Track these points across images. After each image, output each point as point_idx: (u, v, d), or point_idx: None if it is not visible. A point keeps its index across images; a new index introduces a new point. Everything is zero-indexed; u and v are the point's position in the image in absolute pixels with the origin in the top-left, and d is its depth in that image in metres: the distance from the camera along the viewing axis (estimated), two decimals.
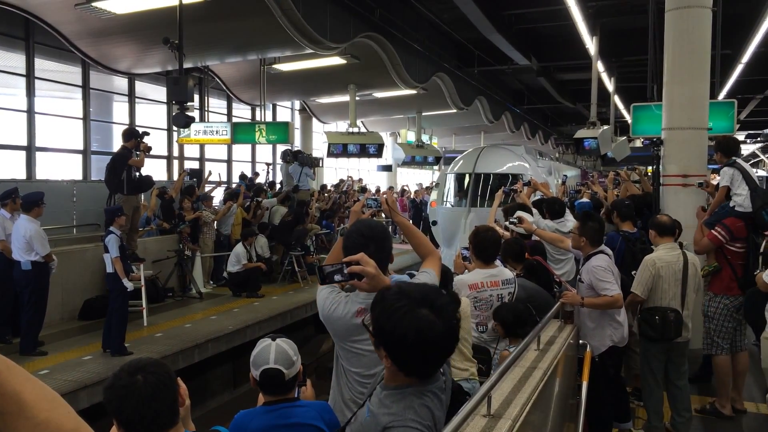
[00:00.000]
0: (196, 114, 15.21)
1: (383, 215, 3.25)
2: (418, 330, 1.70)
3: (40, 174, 12.45)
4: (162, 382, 1.81)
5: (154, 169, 12.83)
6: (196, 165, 17.05)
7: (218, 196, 13.21)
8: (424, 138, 21.57)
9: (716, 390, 5.79)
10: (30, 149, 12.35)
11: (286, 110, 21.60)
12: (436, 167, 22.62)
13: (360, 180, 23.41)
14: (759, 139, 24.46)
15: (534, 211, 6.52)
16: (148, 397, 1.76)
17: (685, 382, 5.22)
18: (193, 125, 12.68)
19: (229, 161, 18.89)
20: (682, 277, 4.99)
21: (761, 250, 5.48)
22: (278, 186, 14.83)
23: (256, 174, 16.94)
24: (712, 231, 5.70)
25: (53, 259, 7.23)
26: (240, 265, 10.42)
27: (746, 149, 34.36)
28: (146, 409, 1.76)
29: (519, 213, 5.65)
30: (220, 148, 17.98)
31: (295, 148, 16.29)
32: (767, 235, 5.54)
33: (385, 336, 1.77)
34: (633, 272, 5.29)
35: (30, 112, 12.32)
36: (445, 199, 13.72)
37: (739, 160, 5.93)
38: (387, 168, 25.55)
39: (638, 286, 4.98)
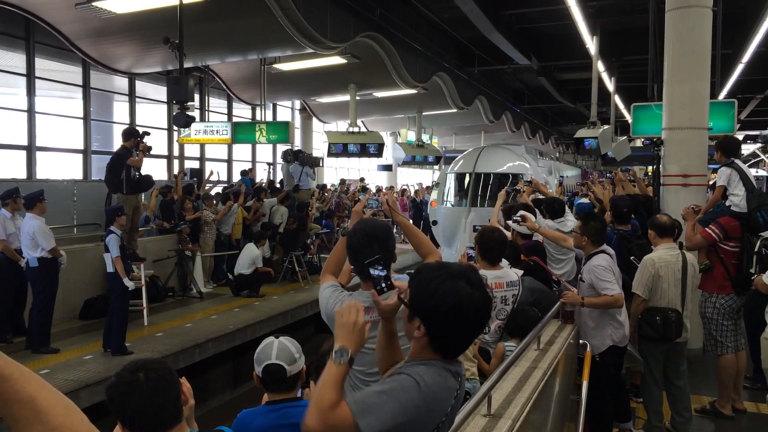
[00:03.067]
0: (196, 114, 15.22)
1: (383, 215, 3.24)
2: (456, 297, 1.72)
3: (41, 174, 12.44)
4: (164, 379, 1.82)
5: (154, 169, 12.82)
6: (196, 165, 17.06)
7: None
8: (425, 138, 21.57)
9: (718, 389, 5.79)
10: (30, 149, 12.35)
11: (286, 110, 21.60)
12: (436, 167, 22.62)
13: (361, 180, 23.42)
14: (759, 140, 24.49)
15: (536, 211, 6.51)
16: (150, 394, 1.78)
17: (684, 382, 5.24)
18: (193, 125, 12.65)
19: (229, 161, 18.88)
20: (681, 277, 5.00)
21: (756, 249, 5.49)
22: (277, 185, 14.82)
23: (249, 170, 16.89)
24: (706, 229, 5.71)
25: (61, 253, 7.25)
26: (253, 267, 10.43)
27: (746, 149, 34.40)
28: (149, 405, 1.77)
29: (522, 212, 5.66)
30: (220, 148, 17.97)
31: (296, 148, 16.29)
32: (762, 235, 5.55)
33: (421, 304, 1.78)
34: (632, 258, 5.32)
35: (30, 112, 12.31)
36: (445, 199, 13.73)
37: (737, 161, 5.95)
38: (387, 168, 25.55)
39: (638, 286, 4.99)
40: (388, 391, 1.68)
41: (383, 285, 1.94)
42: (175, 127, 14.67)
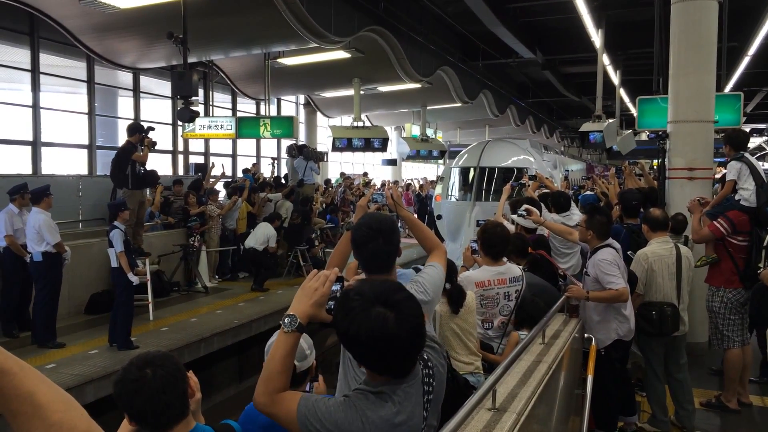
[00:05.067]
0: (200, 109, 15.20)
1: (388, 210, 3.24)
2: (371, 328, 1.67)
3: (46, 169, 12.47)
4: (171, 375, 1.82)
5: (159, 164, 12.84)
6: (200, 159, 17.07)
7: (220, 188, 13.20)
8: (429, 132, 21.51)
9: (724, 383, 5.78)
10: (35, 144, 12.38)
11: (290, 104, 21.58)
12: (440, 161, 22.59)
13: (365, 174, 23.39)
14: (765, 133, 24.38)
15: (541, 205, 6.50)
16: (158, 391, 1.78)
17: (684, 375, 5.26)
18: (197, 120, 12.67)
19: (233, 156, 18.90)
20: (676, 270, 5.00)
21: (765, 244, 5.47)
22: (282, 181, 14.83)
23: (254, 165, 16.90)
24: (714, 222, 5.69)
25: (66, 249, 7.27)
26: (266, 245, 10.51)
27: (752, 142, 34.28)
28: (156, 402, 1.77)
29: (526, 206, 5.65)
30: (224, 143, 17.98)
31: (300, 143, 16.28)
32: None
33: (342, 337, 1.75)
34: (629, 252, 5.32)
35: (35, 107, 12.34)
36: (449, 193, 13.70)
37: (746, 155, 5.92)
38: (392, 162, 25.53)
39: None
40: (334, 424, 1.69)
41: (331, 305, 1.84)
42: (179, 122, 14.68)
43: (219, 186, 12.87)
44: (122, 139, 9.58)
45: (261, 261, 10.54)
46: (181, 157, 16.50)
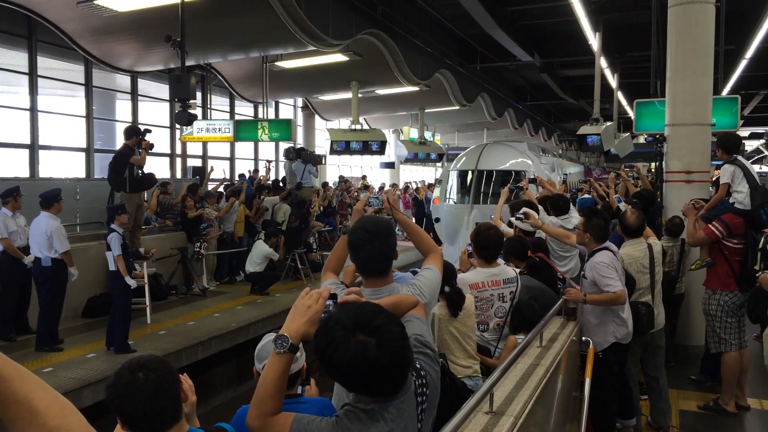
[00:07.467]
0: (198, 112, 15.20)
1: (385, 213, 3.24)
2: (353, 358, 1.64)
3: (44, 172, 12.46)
4: (164, 380, 1.81)
5: (156, 167, 12.82)
6: (198, 163, 17.07)
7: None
8: (427, 135, 21.54)
9: (721, 386, 5.78)
10: (33, 147, 12.36)
11: (288, 107, 21.59)
12: (438, 164, 22.59)
13: (363, 177, 23.40)
14: (765, 136, 24.43)
15: (539, 207, 6.51)
16: (150, 396, 1.77)
17: (661, 374, 5.35)
18: (195, 123, 12.65)
19: (231, 159, 18.89)
20: (649, 269, 5.09)
21: (759, 246, 5.48)
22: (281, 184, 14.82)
23: (255, 172, 16.92)
24: (709, 226, 5.71)
25: (73, 263, 7.25)
26: (265, 263, 10.49)
27: (750, 145, 34.36)
28: (149, 407, 1.76)
29: (525, 209, 5.65)
30: (222, 146, 17.98)
31: (298, 146, 16.28)
32: (766, 232, 5.54)
33: (325, 367, 1.72)
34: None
35: (33, 111, 12.32)
36: (447, 196, 13.70)
37: (740, 158, 5.94)
38: (390, 165, 25.53)
39: None
40: None
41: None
42: (177, 126, 14.68)
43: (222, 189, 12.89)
44: (120, 142, 9.57)
45: (264, 279, 10.57)
46: (179, 160, 16.49)
